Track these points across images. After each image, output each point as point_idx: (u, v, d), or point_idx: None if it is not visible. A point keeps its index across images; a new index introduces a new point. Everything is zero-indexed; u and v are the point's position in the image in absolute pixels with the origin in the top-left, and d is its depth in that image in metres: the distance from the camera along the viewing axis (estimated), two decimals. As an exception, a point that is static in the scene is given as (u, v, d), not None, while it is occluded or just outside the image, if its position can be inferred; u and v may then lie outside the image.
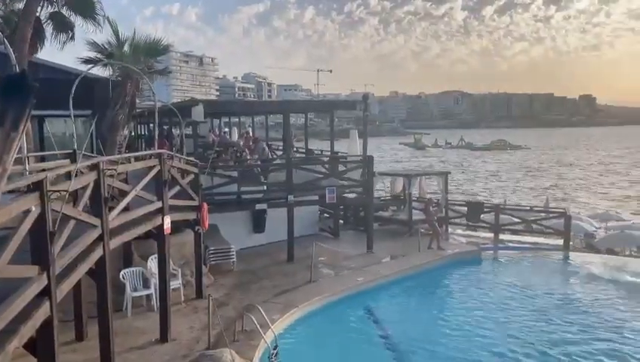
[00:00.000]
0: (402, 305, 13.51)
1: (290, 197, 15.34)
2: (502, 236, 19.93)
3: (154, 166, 9.45)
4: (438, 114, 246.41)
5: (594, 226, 23.15)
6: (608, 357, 10.00)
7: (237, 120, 31.59)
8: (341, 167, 17.62)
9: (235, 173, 15.48)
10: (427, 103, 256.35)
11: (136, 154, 12.45)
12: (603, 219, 25.31)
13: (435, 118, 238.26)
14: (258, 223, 16.93)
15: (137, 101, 15.18)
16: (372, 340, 10.95)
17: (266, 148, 19.57)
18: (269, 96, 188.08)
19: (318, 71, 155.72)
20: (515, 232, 20.46)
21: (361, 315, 12.27)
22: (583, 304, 13.06)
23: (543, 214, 20.51)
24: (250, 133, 23.19)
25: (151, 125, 24.91)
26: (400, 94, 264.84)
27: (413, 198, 20.26)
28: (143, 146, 24.28)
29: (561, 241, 18.66)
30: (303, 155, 20.76)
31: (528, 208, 22.50)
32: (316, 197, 16.38)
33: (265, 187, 15.76)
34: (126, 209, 8.38)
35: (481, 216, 20.69)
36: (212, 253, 14.13)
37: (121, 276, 10.78)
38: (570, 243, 18.86)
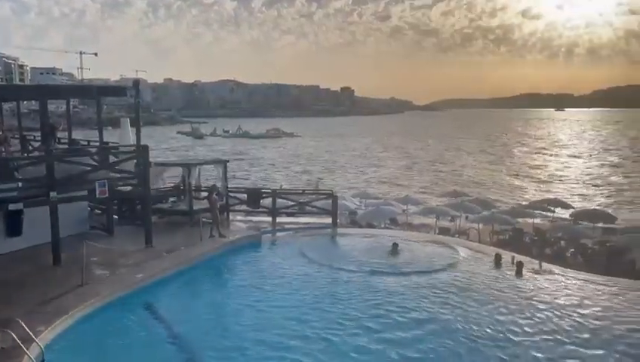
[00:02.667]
0: (187, 298, 13.27)
1: (53, 194, 13.70)
2: (280, 219, 21.05)
3: None
4: (216, 103, 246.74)
5: (356, 204, 26.15)
6: (386, 326, 11.14)
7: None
8: (113, 158, 16.38)
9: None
10: (204, 92, 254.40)
11: None
12: (363, 197, 28.77)
13: (213, 106, 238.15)
14: (13, 226, 14.71)
15: None
16: (157, 339, 10.50)
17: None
18: (22, 80, 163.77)
19: (80, 53, 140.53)
20: (291, 214, 21.80)
21: (143, 314, 11.68)
22: (356, 274, 14.55)
23: (313, 196, 22.28)
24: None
25: None
26: (175, 81, 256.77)
27: (193, 188, 20.02)
28: None
29: (330, 220, 20.55)
30: (67, 146, 18.68)
31: (301, 191, 24.17)
32: (85, 193, 14.96)
33: (19, 184, 13.74)
34: None
35: (260, 201, 21.54)
36: (-48, 266, 11.83)
37: None
38: (338, 220, 20.93)
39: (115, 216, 18.56)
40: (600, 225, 23.29)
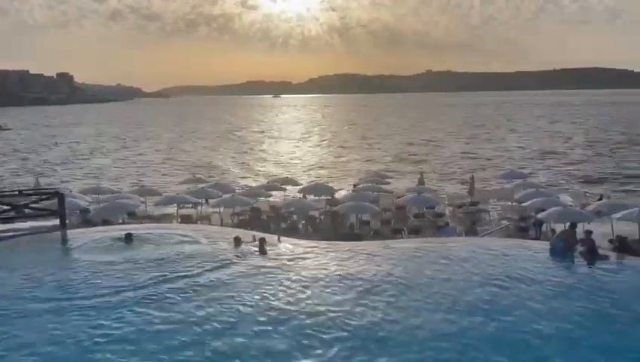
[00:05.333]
0: None
1: None
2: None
3: None
4: None
5: (87, 201, 23.99)
6: (120, 322, 10.33)
7: None
8: None
9: None
10: None
11: None
12: (95, 192, 26.52)
13: None
14: None
15: None
16: None
17: None
18: None
19: None
20: (7, 220, 18.60)
21: None
22: (79, 275, 13.18)
23: (34, 197, 19.47)
24: None
25: None
26: None
27: None
28: None
29: (58, 221, 18.27)
30: None
31: (17, 192, 20.91)
32: None
33: None
34: None
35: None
36: None
37: None
38: (67, 221, 18.76)
39: None
40: (323, 197, 26.37)
